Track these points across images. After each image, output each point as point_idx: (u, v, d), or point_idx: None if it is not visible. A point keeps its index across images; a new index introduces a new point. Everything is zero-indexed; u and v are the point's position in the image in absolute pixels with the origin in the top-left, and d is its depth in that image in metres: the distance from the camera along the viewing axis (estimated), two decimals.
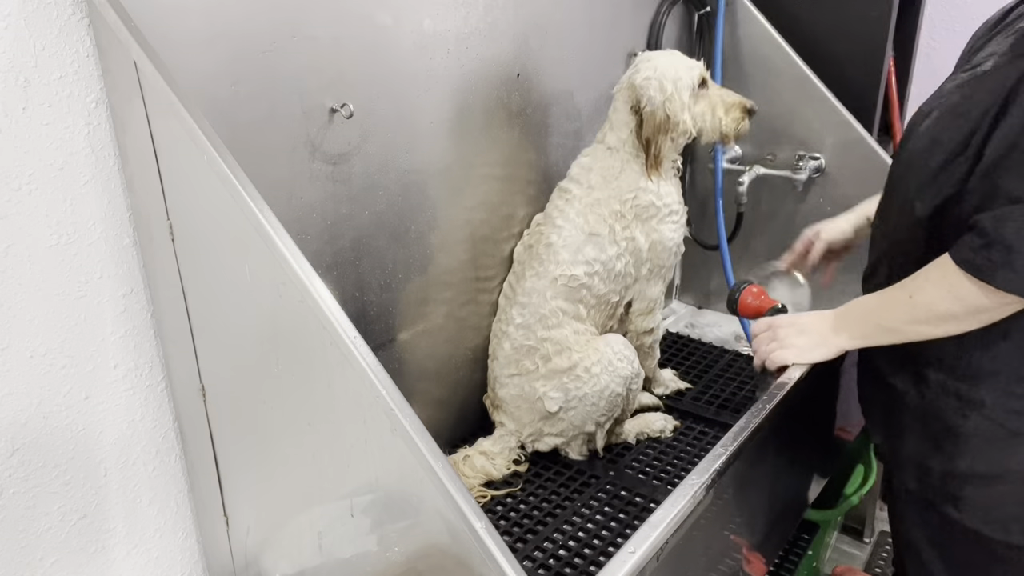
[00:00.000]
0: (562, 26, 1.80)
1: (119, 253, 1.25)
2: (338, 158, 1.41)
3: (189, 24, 1.15)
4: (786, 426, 1.48)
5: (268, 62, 1.25)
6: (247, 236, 1.03)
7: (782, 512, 1.72)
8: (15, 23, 1.06)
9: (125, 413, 1.32)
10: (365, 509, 1.11)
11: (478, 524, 0.91)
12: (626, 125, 1.70)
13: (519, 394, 1.73)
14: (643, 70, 1.67)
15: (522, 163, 1.81)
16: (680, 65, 1.67)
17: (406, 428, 0.94)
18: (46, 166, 1.14)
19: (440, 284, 1.69)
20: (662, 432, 1.82)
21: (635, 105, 1.67)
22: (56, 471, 1.25)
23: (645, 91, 1.65)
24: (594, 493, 1.65)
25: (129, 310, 1.29)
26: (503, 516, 1.60)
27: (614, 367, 1.67)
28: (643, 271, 1.75)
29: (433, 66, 1.53)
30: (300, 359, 1.09)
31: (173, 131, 1.08)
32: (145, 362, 1.33)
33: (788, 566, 1.96)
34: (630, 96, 1.68)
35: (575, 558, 1.48)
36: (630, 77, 1.69)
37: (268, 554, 1.35)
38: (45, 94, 1.11)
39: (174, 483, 1.43)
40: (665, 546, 1.10)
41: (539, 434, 1.74)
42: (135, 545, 1.40)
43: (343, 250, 1.46)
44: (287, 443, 1.19)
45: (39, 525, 1.25)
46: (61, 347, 1.21)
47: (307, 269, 0.99)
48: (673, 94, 1.64)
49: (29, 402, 1.19)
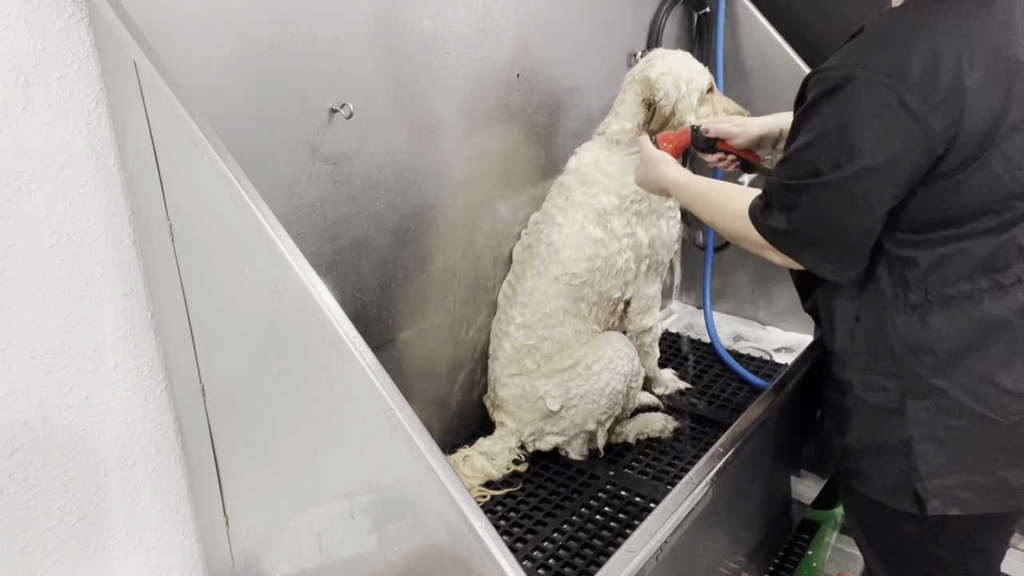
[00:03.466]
0: (562, 26, 1.80)
1: (119, 253, 1.25)
2: (338, 158, 1.41)
3: (189, 24, 1.15)
4: (785, 426, 1.48)
5: (268, 62, 1.25)
6: (247, 236, 1.03)
7: (782, 512, 1.72)
8: (15, 23, 1.06)
9: (125, 413, 1.32)
10: (365, 509, 1.11)
11: (478, 524, 0.91)
12: (634, 117, 1.70)
13: (520, 393, 1.73)
14: (658, 66, 1.68)
15: (522, 163, 1.81)
16: (693, 68, 1.70)
17: (406, 428, 0.94)
18: (46, 166, 1.14)
19: (439, 284, 1.69)
20: (662, 432, 1.82)
21: (648, 98, 1.68)
22: (56, 471, 1.25)
23: (662, 86, 1.66)
24: (594, 493, 1.65)
25: (129, 310, 1.29)
26: (503, 516, 1.60)
27: (615, 364, 1.67)
28: (642, 267, 1.76)
29: (433, 66, 1.53)
30: (300, 359, 1.09)
31: (173, 131, 1.08)
32: (145, 362, 1.33)
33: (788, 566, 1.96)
34: (643, 89, 1.69)
35: (575, 558, 1.48)
36: (643, 71, 1.70)
37: (268, 554, 1.35)
38: (45, 94, 1.11)
39: (174, 483, 1.43)
40: (664, 545, 1.10)
41: (540, 433, 1.74)
42: (135, 545, 1.40)
43: (343, 250, 1.46)
44: (287, 443, 1.19)
45: (39, 525, 1.25)
46: (61, 347, 1.21)
47: (307, 269, 0.99)
48: (685, 95, 1.67)
49: (29, 402, 1.19)
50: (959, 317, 1.15)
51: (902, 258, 1.17)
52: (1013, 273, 1.13)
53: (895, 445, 1.22)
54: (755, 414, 1.38)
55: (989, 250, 1.12)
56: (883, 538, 1.35)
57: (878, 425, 1.24)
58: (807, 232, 1.15)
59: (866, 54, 1.07)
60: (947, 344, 1.16)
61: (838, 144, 1.07)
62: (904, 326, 1.18)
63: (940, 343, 1.16)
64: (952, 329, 1.15)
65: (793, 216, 1.14)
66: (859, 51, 1.09)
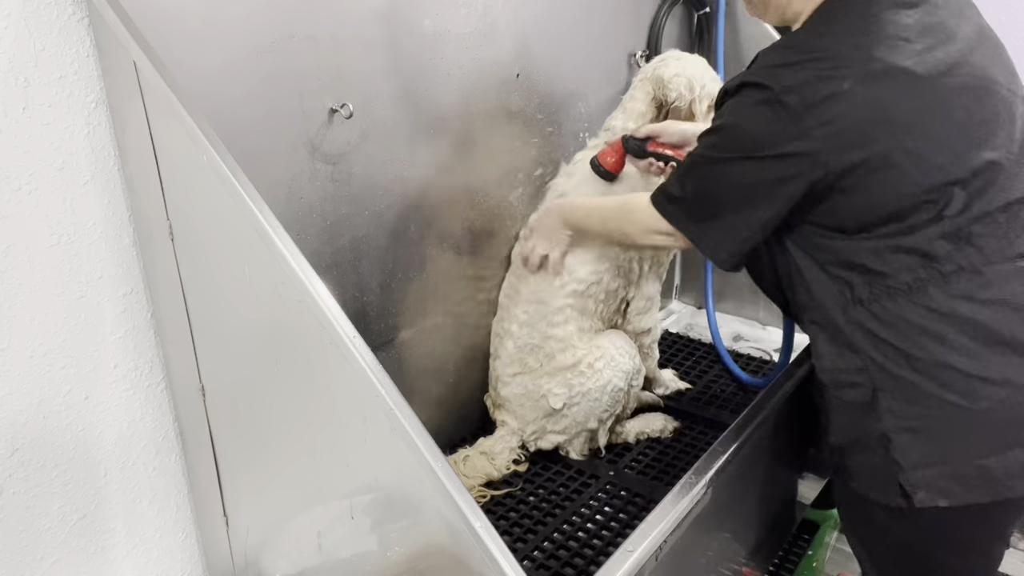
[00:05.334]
0: (562, 26, 1.80)
1: (119, 253, 1.25)
2: (338, 158, 1.41)
3: (188, 24, 1.15)
4: (785, 426, 1.48)
5: (268, 62, 1.25)
6: (247, 236, 1.03)
7: (781, 511, 1.73)
8: (15, 23, 1.06)
9: (125, 413, 1.32)
10: (365, 509, 1.11)
11: (477, 524, 0.91)
12: (642, 116, 1.71)
13: (522, 392, 1.73)
14: (672, 67, 1.69)
15: (522, 163, 1.81)
16: (707, 75, 1.70)
17: (405, 428, 0.94)
18: (46, 166, 1.14)
19: (439, 283, 1.69)
20: (662, 432, 1.82)
21: (658, 98, 1.68)
22: (56, 471, 1.25)
23: (676, 87, 1.67)
24: (594, 492, 1.65)
25: (129, 310, 1.29)
26: (503, 516, 1.60)
27: (616, 362, 1.67)
28: (645, 267, 1.76)
29: (433, 66, 1.53)
30: (300, 359, 1.09)
31: (173, 131, 1.08)
32: (145, 362, 1.33)
33: (788, 566, 1.96)
34: (655, 88, 1.69)
35: (575, 557, 1.48)
36: (656, 69, 1.70)
37: (268, 554, 1.35)
38: (45, 94, 1.11)
39: (174, 483, 1.43)
40: (664, 545, 1.10)
41: (542, 432, 1.74)
42: (135, 545, 1.40)
43: (342, 250, 1.46)
44: (287, 443, 1.19)
45: (39, 525, 1.25)
46: (61, 347, 1.21)
47: (306, 269, 0.99)
48: (698, 98, 1.67)
49: (29, 402, 1.19)
50: (907, 308, 1.16)
51: (841, 258, 1.20)
52: (952, 261, 1.14)
53: (874, 440, 1.22)
54: (755, 414, 1.38)
55: (923, 241, 1.14)
56: (876, 538, 1.35)
57: (855, 421, 1.26)
58: (696, 204, 1.26)
59: (760, 65, 1.20)
60: (902, 335, 1.17)
61: (729, 135, 1.20)
62: (857, 320, 1.21)
63: (894, 335, 1.18)
64: (902, 320, 1.17)
65: (686, 184, 1.27)
66: (757, 63, 1.22)
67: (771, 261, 1.34)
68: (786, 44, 1.20)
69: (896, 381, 1.19)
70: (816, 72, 1.11)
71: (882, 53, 1.11)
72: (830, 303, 1.24)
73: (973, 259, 1.14)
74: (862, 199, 1.14)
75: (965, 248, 1.14)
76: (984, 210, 1.13)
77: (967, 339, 1.15)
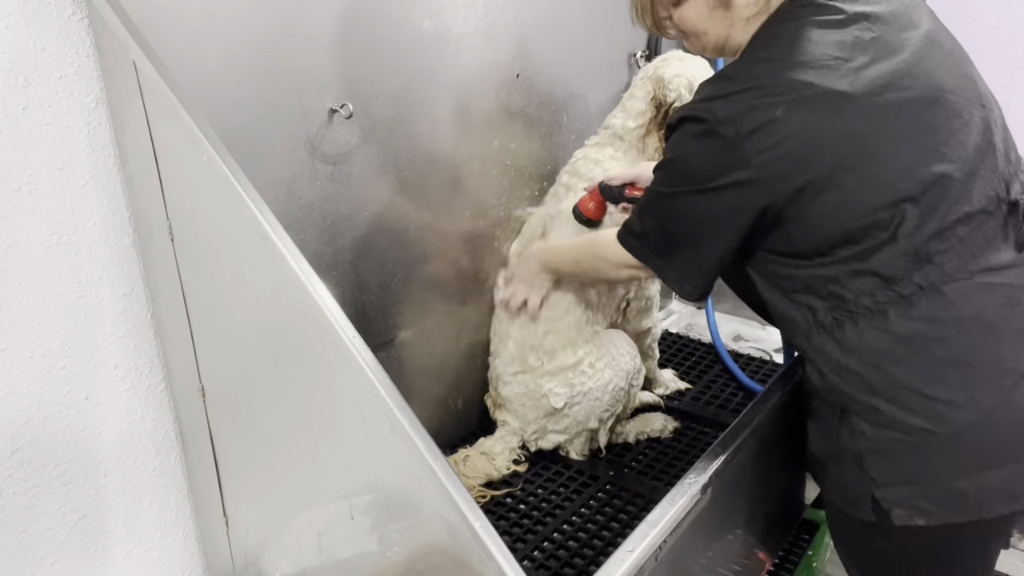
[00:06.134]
0: (562, 26, 1.80)
1: (119, 253, 1.25)
2: (338, 158, 1.41)
3: (188, 24, 1.15)
4: (785, 426, 1.48)
5: (268, 62, 1.25)
6: (246, 236, 1.03)
7: (781, 511, 1.73)
8: (15, 23, 1.06)
9: (125, 413, 1.32)
10: (365, 509, 1.11)
11: (477, 524, 0.91)
12: (641, 115, 1.70)
13: (523, 391, 1.73)
14: (673, 67, 1.69)
15: (522, 163, 1.81)
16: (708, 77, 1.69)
17: (405, 428, 0.94)
18: (46, 166, 1.14)
19: (439, 283, 1.69)
20: (662, 432, 1.82)
21: (658, 97, 1.68)
22: (56, 471, 1.25)
23: (676, 87, 1.67)
24: (594, 493, 1.65)
25: (129, 310, 1.29)
26: (503, 516, 1.60)
27: (617, 362, 1.68)
28: None
29: (433, 66, 1.53)
30: (299, 359, 1.09)
31: (173, 131, 1.08)
32: (145, 362, 1.33)
33: (788, 566, 1.96)
34: (654, 87, 1.69)
35: (575, 557, 1.48)
36: (657, 69, 1.70)
37: (268, 554, 1.35)
38: (45, 94, 1.11)
39: (174, 483, 1.43)
40: (663, 545, 1.10)
41: (543, 431, 1.74)
42: (135, 545, 1.40)
43: (342, 250, 1.46)
44: (287, 443, 1.19)
45: (39, 525, 1.25)
46: (61, 347, 1.21)
47: (306, 269, 0.99)
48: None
49: (29, 402, 1.19)
50: (869, 333, 1.15)
51: (802, 284, 1.19)
52: (911, 282, 1.12)
53: (849, 455, 1.22)
54: (754, 414, 1.38)
55: (881, 263, 1.12)
56: (859, 548, 1.34)
57: (831, 434, 1.25)
58: (655, 238, 1.27)
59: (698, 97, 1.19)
60: (866, 360, 1.16)
61: (676, 170, 1.21)
62: (820, 347, 1.20)
63: (856, 362, 1.16)
64: (866, 345, 1.15)
65: (645, 220, 1.28)
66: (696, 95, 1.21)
67: (741, 285, 1.35)
68: (722, 75, 1.19)
69: (862, 406, 1.18)
70: (749, 101, 1.10)
71: (812, 77, 1.09)
72: (793, 329, 1.24)
73: (933, 278, 1.11)
74: (814, 222, 1.13)
75: (924, 267, 1.11)
76: (939, 226, 1.10)
77: (931, 363, 1.13)
